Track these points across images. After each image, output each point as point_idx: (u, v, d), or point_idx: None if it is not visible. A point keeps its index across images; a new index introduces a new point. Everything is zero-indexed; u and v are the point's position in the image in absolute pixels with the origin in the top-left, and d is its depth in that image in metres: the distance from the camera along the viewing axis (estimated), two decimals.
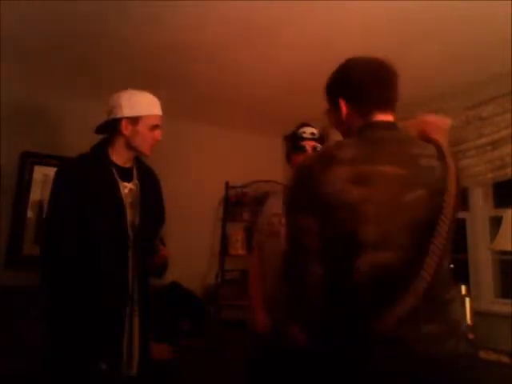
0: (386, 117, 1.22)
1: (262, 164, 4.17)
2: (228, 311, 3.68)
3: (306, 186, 1.10)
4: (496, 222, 2.78)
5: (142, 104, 1.76)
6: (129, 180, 1.80)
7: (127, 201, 1.75)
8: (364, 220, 1.05)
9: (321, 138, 2.12)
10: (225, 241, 4.00)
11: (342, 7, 2.14)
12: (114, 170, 1.76)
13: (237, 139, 4.22)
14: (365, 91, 1.23)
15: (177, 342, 3.00)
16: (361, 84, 1.23)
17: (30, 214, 3.27)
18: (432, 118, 1.31)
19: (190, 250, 3.61)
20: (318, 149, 2.08)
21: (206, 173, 3.98)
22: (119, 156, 1.78)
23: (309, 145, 2.07)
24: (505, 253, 2.71)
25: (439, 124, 1.29)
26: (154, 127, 1.78)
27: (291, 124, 2.27)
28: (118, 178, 1.75)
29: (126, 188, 1.77)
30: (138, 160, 1.88)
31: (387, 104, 1.23)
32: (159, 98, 1.84)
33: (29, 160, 3.28)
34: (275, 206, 2.17)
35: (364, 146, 1.14)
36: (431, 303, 1.06)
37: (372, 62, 1.26)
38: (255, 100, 3.46)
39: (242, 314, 3.52)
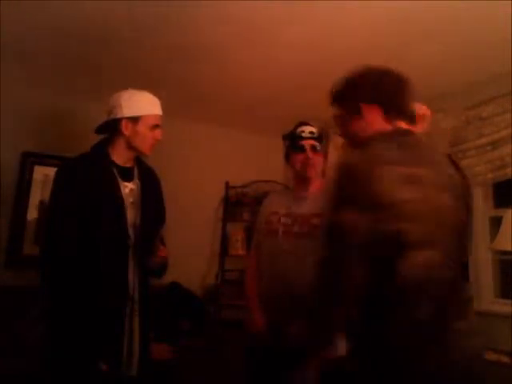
0: (406, 125, 1.29)
1: (262, 164, 4.17)
2: (228, 311, 3.68)
3: (356, 185, 1.10)
4: (496, 222, 2.78)
5: (142, 104, 1.76)
6: (129, 180, 1.80)
7: (128, 201, 1.75)
8: (412, 219, 1.08)
9: (320, 137, 2.10)
10: (225, 241, 4.01)
11: (342, 7, 2.14)
12: (115, 170, 1.75)
13: (237, 139, 4.22)
14: (397, 99, 1.29)
15: (177, 342, 3.00)
16: (394, 92, 1.30)
17: (29, 214, 3.27)
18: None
19: (190, 250, 3.61)
20: (318, 148, 2.07)
21: (205, 173, 3.98)
22: (119, 156, 1.78)
23: (308, 144, 2.05)
24: (505, 253, 2.71)
25: (419, 112, 1.33)
26: (155, 127, 1.78)
27: (291, 124, 2.26)
28: (118, 178, 1.75)
29: (127, 188, 1.77)
30: (139, 160, 1.88)
31: (407, 114, 1.30)
32: (159, 97, 1.84)
33: (29, 160, 3.29)
34: (274, 205, 2.16)
35: (403, 149, 1.18)
36: (459, 301, 1.16)
37: (395, 75, 1.33)
38: (255, 100, 3.46)
39: (242, 313, 3.53)
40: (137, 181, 1.82)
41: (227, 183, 4.06)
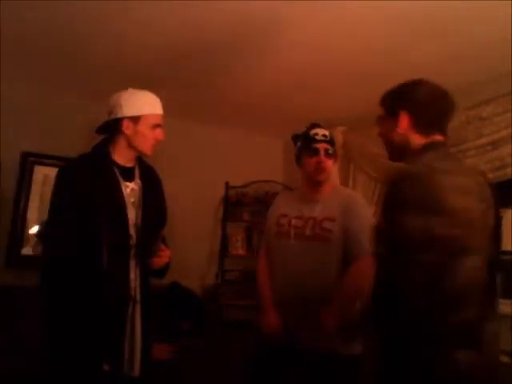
0: (441, 138, 1.38)
1: (261, 164, 4.18)
2: (228, 311, 3.69)
3: (420, 191, 1.19)
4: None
5: (142, 103, 1.75)
6: (131, 180, 1.79)
7: (129, 200, 1.74)
8: (465, 226, 1.20)
9: (331, 140, 2.07)
10: (225, 241, 4.01)
11: (342, 7, 2.14)
12: (116, 170, 1.75)
13: (237, 139, 4.22)
14: (431, 113, 1.38)
15: (177, 342, 3.00)
16: (429, 105, 1.38)
17: (29, 214, 3.27)
18: None
19: (190, 249, 3.61)
20: (330, 151, 2.05)
21: (205, 173, 3.98)
22: (121, 156, 1.78)
23: (322, 147, 2.03)
24: (505, 253, 2.72)
25: None
26: (156, 126, 1.77)
27: (291, 124, 2.27)
28: (120, 178, 1.74)
29: (128, 188, 1.77)
30: (140, 159, 1.88)
31: (443, 128, 1.40)
32: (159, 97, 1.84)
33: (29, 160, 3.29)
34: (283, 207, 2.16)
35: (446, 160, 1.32)
36: (493, 303, 1.29)
37: (440, 90, 1.42)
38: (255, 100, 3.46)
39: (242, 313, 3.53)
40: (138, 181, 1.81)
41: (227, 183, 4.06)
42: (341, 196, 2.07)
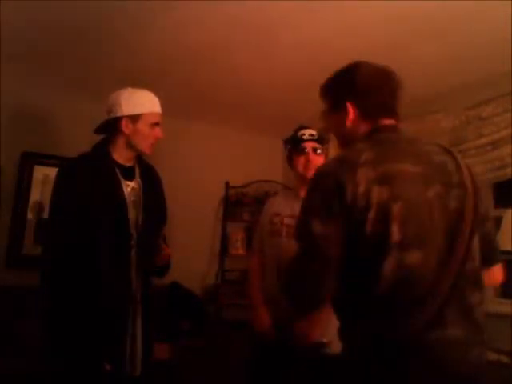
0: (390, 122, 1.24)
1: (262, 164, 4.17)
2: (228, 311, 3.69)
3: (331, 192, 1.07)
4: (496, 222, 2.77)
5: (141, 102, 1.75)
6: (131, 179, 1.79)
7: (130, 199, 1.75)
8: (392, 219, 1.03)
9: (320, 139, 2.12)
10: (225, 241, 4.01)
11: (341, 7, 2.14)
12: (117, 169, 1.75)
13: (237, 139, 4.22)
14: (376, 98, 1.25)
15: (177, 342, 3.00)
16: (373, 90, 1.25)
17: (29, 214, 3.27)
18: None
19: (190, 249, 3.61)
20: (319, 150, 2.09)
21: (205, 173, 3.98)
22: (120, 155, 1.78)
23: (309, 146, 2.08)
24: (505, 253, 2.71)
25: None
26: (155, 125, 1.78)
27: (291, 124, 2.26)
28: (120, 177, 1.75)
29: (129, 187, 1.77)
30: (140, 158, 1.88)
31: (393, 111, 1.26)
32: (159, 97, 1.84)
33: (29, 160, 3.29)
34: (276, 206, 2.18)
35: (379, 147, 1.15)
36: (456, 306, 1.06)
37: (381, 70, 1.29)
38: (255, 100, 3.46)
39: (242, 313, 3.53)
40: (138, 180, 1.81)
41: (227, 183, 4.06)
42: None
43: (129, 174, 1.79)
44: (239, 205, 4.08)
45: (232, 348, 2.99)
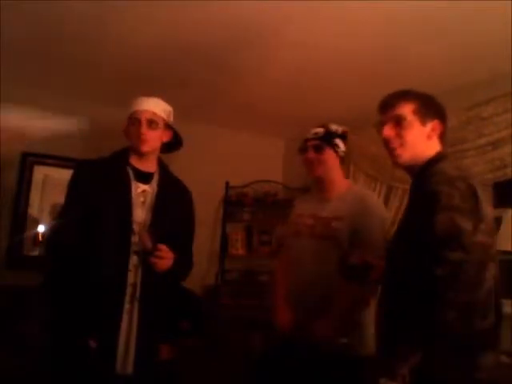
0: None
1: (262, 164, 4.17)
2: (228, 311, 3.68)
3: (471, 198, 1.24)
4: (496, 222, 2.77)
5: (131, 105, 1.82)
6: (146, 182, 1.83)
7: (138, 199, 1.79)
8: (493, 234, 1.29)
9: (326, 137, 2.06)
10: (225, 241, 4.00)
11: (342, 7, 2.14)
12: (130, 171, 1.81)
13: (237, 139, 4.22)
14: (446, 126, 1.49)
15: (177, 342, 3.00)
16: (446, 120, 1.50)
17: (30, 213, 3.27)
18: None
19: None
20: (321, 147, 2.05)
21: (205, 173, 3.98)
22: (136, 159, 1.84)
23: (311, 144, 2.06)
24: (505, 253, 2.71)
25: None
26: (135, 121, 1.80)
27: (291, 124, 2.27)
28: (131, 178, 1.80)
29: (139, 188, 1.81)
30: (164, 170, 1.93)
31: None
32: (159, 98, 1.85)
33: (29, 160, 3.29)
34: (300, 207, 2.20)
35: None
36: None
37: None
38: (256, 100, 3.46)
39: (242, 313, 3.53)
40: (154, 185, 1.85)
41: (227, 183, 4.06)
42: (354, 195, 2.07)
43: (144, 177, 1.83)
44: (239, 205, 4.08)
45: (232, 348, 2.99)
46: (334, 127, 2.09)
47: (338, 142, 2.07)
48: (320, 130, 2.08)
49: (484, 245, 1.20)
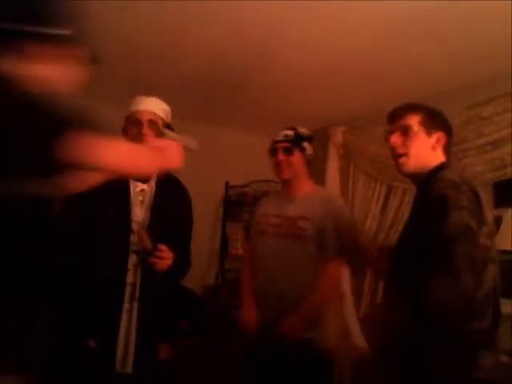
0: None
1: (261, 164, 4.15)
2: (228, 311, 3.68)
3: (474, 201, 1.31)
4: (496, 222, 2.77)
5: (131, 104, 1.84)
6: (144, 181, 1.84)
7: (137, 198, 1.80)
8: (493, 236, 1.36)
9: (296, 139, 2.10)
10: (225, 241, 4.01)
11: (342, 7, 2.14)
12: None
13: (237, 139, 4.22)
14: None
15: (176, 342, 3.00)
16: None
17: None
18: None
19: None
20: (290, 150, 2.10)
21: (205, 173, 3.98)
22: None
23: (280, 147, 2.11)
24: (505, 253, 2.71)
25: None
26: (135, 121, 1.80)
27: (291, 124, 2.27)
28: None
29: (138, 187, 1.82)
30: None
31: None
32: (159, 98, 1.85)
33: None
34: (265, 206, 2.23)
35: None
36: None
37: None
38: (255, 100, 3.46)
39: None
40: (152, 184, 1.85)
41: (227, 183, 4.06)
42: (321, 196, 2.13)
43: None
44: (239, 205, 4.08)
45: (232, 348, 2.99)
46: (302, 130, 2.14)
47: (306, 145, 2.13)
48: (290, 133, 2.12)
49: (485, 247, 1.28)
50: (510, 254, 2.60)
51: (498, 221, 2.65)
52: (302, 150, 2.12)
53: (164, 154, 1.38)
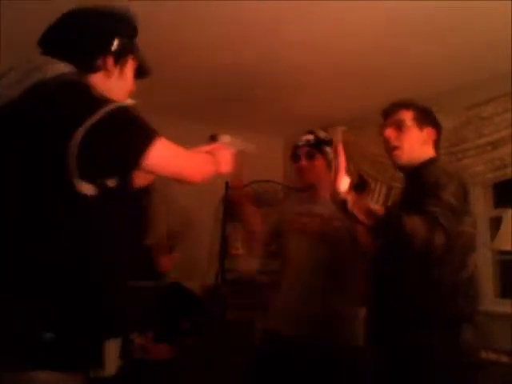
0: None
1: (262, 164, 4.16)
2: (228, 311, 3.68)
3: (461, 192, 1.42)
4: (496, 222, 2.77)
5: None
6: None
7: None
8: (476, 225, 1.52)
9: (317, 144, 2.10)
10: (225, 241, 4.00)
11: (342, 7, 2.14)
12: None
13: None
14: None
15: (177, 342, 3.00)
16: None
17: None
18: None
19: (190, 249, 3.61)
20: (313, 155, 2.08)
21: None
22: None
23: (303, 152, 2.10)
24: (505, 253, 2.71)
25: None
26: None
27: (291, 124, 2.27)
28: None
29: None
30: None
31: None
32: (159, 98, 1.85)
33: None
34: (294, 205, 2.23)
35: None
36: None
37: None
38: (255, 100, 3.46)
39: (242, 313, 3.53)
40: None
41: (227, 183, 4.06)
42: None
43: None
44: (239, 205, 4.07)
45: (232, 348, 2.99)
46: (322, 134, 2.15)
47: (327, 149, 2.12)
48: (311, 138, 2.11)
49: (470, 234, 1.44)
50: (510, 254, 2.60)
51: (498, 221, 2.65)
52: (324, 154, 2.12)
53: (216, 160, 1.42)
